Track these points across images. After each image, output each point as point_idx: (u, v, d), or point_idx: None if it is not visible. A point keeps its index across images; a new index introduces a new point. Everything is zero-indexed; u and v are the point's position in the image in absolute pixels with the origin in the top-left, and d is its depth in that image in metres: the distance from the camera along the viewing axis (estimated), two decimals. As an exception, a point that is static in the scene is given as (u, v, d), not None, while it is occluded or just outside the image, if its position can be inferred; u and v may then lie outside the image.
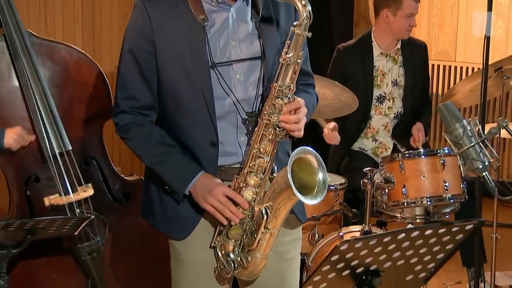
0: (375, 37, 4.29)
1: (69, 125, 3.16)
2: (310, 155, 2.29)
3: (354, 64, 4.27)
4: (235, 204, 2.34)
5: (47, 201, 3.11)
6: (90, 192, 3.16)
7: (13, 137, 2.97)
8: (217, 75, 2.37)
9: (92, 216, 3.06)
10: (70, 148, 3.13)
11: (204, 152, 2.41)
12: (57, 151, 3.09)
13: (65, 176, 3.11)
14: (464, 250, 3.87)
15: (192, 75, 2.37)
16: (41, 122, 3.08)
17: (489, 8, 3.49)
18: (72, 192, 3.12)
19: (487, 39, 3.44)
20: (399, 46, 4.31)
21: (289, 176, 2.21)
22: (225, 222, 2.36)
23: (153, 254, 3.37)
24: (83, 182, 3.16)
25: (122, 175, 3.39)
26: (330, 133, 4.11)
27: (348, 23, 6.17)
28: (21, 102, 3.12)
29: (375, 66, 4.27)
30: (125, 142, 2.49)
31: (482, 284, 3.90)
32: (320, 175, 2.29)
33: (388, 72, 4.29)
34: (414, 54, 4.35)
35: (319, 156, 2.30)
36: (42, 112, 3.09)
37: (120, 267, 3.36)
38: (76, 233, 2.82)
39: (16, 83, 3.12)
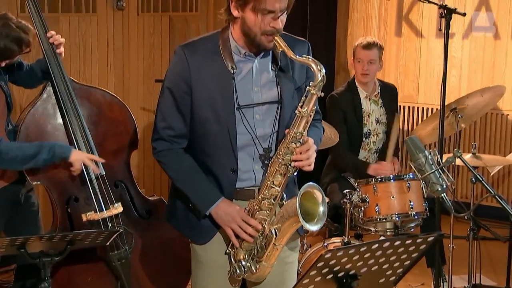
0: (358, 83, 4.29)
1: (103, 154, 3.14)
2: (316, 190, 2.27)
3: (347, 106, 4.23)
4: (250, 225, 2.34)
5: (84, 217, 3.09)
6: (120, 209, 3.15)
7: (79, 157, 2.95)
8: (241, 115, 2.35)
9: (121, 230, 3.04)
10: (104, 173, 3.11)
11: (226, 177, 2.39)
12: (93, 176, 3.08)
13: (99, 196, 3.10)
14: (428, 253, 3.83)
15: (221, 115, 2.34)
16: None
17: (445, 61, 3.51)
18: (105, 210, 3.10)
19: (444, 85, 3.47)
20: (378, 90, 4.29)
21: (298, 207, 2.19)
22: (238, 245, 2.36)
23: (171, 259, 3.34)
24: (114, 201, 3.14)
25: (145, 196, 3.37)
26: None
27: (330, 72, 6.20)
28: (64, 136, 3.11)
29: (362, 107, 4.26)
30: (161, 166, 2.45)
31: (443, 283, 3.87)
32: (321, 208, 2.27)
33: (372, 113, 4.26)
34: (390, 95, 4.34)
35: (323, 192, 2.28)
36: (81, 144, 3.08)
37: (144, 270, 3.33)
38: (108, 243, 2.80)
39: (60, 120, 3.12)
